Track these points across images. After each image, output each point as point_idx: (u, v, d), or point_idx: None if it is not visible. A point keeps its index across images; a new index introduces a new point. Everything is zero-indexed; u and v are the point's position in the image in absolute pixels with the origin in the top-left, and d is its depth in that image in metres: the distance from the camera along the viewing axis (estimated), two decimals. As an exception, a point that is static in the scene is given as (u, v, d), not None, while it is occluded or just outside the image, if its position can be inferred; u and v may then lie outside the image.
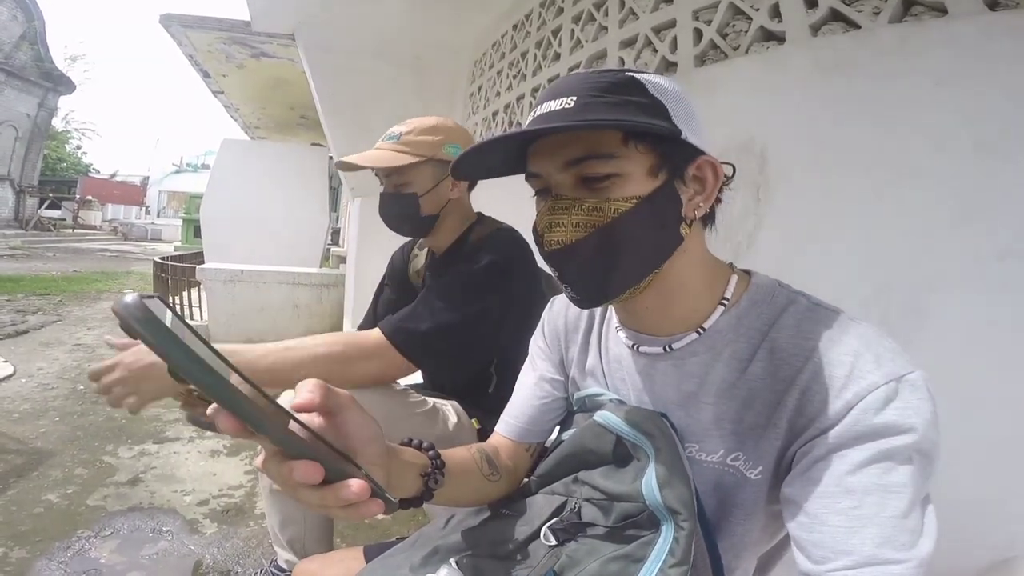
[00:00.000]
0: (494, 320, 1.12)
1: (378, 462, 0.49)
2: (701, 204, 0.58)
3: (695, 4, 1.43)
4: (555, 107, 0.55)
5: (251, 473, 2.20)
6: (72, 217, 23.96)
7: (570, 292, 0.59)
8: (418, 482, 0.59)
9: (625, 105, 0.54)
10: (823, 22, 1.11)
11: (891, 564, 0.43)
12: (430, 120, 1.21)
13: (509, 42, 2.72)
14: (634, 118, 0.53)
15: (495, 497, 0.75)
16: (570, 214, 0.55)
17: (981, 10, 0.87)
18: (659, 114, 0.54)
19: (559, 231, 0.56)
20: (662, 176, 0.55)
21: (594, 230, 0.55)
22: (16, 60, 18.84)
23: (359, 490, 0.40)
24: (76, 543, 1.65)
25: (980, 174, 0.85)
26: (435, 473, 0.61)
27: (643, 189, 0.54)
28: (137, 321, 0.30)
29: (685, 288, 0.60)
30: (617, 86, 0.54)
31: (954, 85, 0.89)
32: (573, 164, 0.55)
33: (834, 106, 1.07)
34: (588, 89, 0.54)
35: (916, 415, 0.47)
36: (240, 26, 3.52)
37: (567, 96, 0.54)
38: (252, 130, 7.42)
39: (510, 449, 0.78)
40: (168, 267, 4.74)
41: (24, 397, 2.94)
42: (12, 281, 7.08)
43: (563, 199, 0.56)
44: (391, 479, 0.52)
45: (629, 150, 0.54)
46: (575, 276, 0.57)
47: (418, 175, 1.19)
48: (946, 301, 0.88)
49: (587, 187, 0.55)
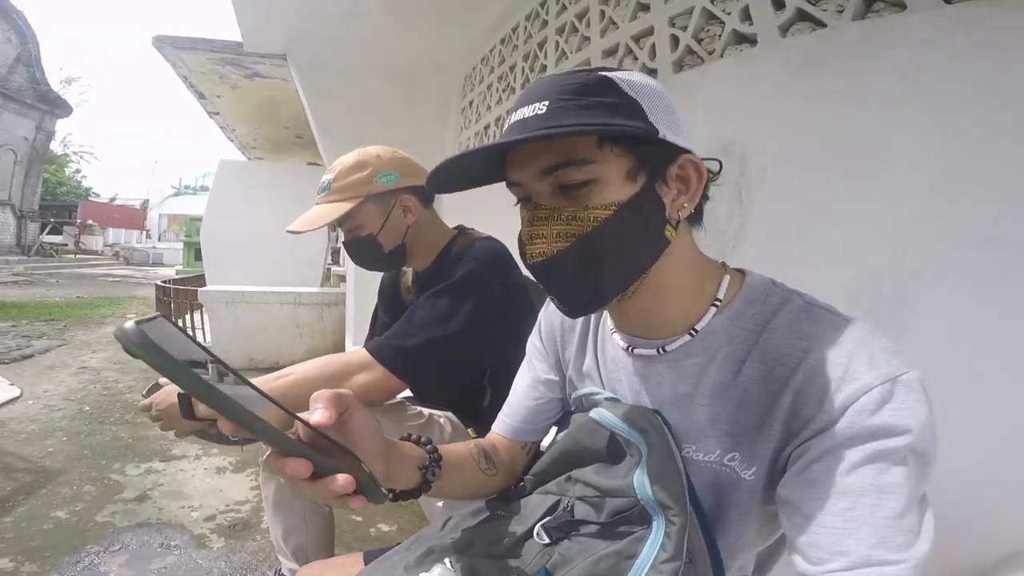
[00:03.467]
0: (477, 332, 1.11)
1: (377, 454, 0.54)
2: (686, 204, 0.56)
3: (671, 11, 1.47)
4: (528, 113, 0.53)
5: (256, 489, 2.22)
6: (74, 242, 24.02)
7: (557, 303, 0.59)
8: (416, 475, 0.62)
9: (597, 107, 0.52)
10: (791, 22, 1.15)
11: (887, 565, 0.43)
12: (351, 157, 1.19)
13: (497, 56, 2.77)
14: (607, 120, 0.51)
15: (492, 491, 0.76)
16: (550, 224, 0.54)
17: (938, 4, 0.90)
18: (634, 114, 0.52)
19: (540, 243, 0.55)
20: (642, 179, 0.53)
21: (575, 240, 0.53)
22: (12, 83, 18.83)
23: (344, 483, 0.45)
24: (86, 558, 1.68)
25: (949, 163, 0.87)
26: (432, 466, 0.64)
27: (623, 194, 0.53)
28: (134, 344, 0.36)
29: (675, 290, 0.59)
30: (589, 87, 0.53)
31: (916, 78, 0.91)
32: (549, 172, 0.54)
33: (806, 103, 1.09)
34: (559, 92, 0.53)
35: (911, 416, 0.46)
36: (232, 47, 3.57)
37: (539, 101, 0.53)
38: (249, 150, 7.47)
39: (507, 446, 0.79)
40: (171, 290, 4.78)
41: (31, 418, 2.97)
42: (17, 307, 7.13)
43: (542, 208, 0.55)
44: (390, 471, 0.56)
45: (605, 154, 0.52)
46: (559, 287, 0.57)
47: (363, 215, 1.17)
48: (930, 290, 0.89)
49: (565, 195, 0.54)
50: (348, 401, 0.52)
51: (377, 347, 1.09)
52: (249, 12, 2.95)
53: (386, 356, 1.07)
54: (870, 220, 0.98)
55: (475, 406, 1.24)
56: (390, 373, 1.07)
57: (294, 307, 4.61)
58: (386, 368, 1.07)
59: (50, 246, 21.67)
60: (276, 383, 1.04)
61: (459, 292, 1.11)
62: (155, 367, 0.37)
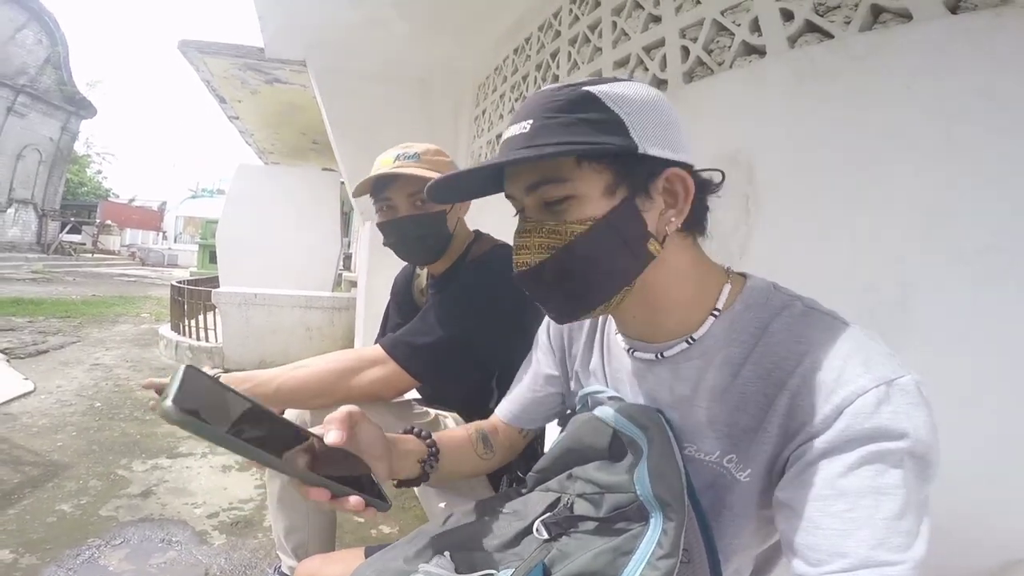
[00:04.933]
0: (489, 335, 1.13)
1: (381, 456, 0.65)
2: (673, 218, 0.56)
3: (681, 22, 1.48)
4: (516, 132, 0.55)
5: (260, 487, 2.23)
6: (92, 242, 24.41)
7: (544, 309, 0.62)
8: (416, 467, 0.72)
9: (577, 124, 0.53)
10: (799, 34, 1.16)
11: (886, 566, 0.43)
12: (427, 145, 1.20)
13: (511, 65, 2.80)
14: (585, 139, 0.52)
15: (487, 471, 0.88)
16: (533, 236, 0.57)
17: (943, 14, 0.91)
18: (614, 129, 0.53)
19: (524, 253, 0.58)
20: (621, 193, 0.54)
21: (554, 252, 0.56)
22: (40, 84, 19.26)
23: (355, 504, 0.57)
24: (86, 551, 1.69)
25: (954, 171, 0.87)
26: (431, 459, 0.74)
27: (599, 210, 0.54)
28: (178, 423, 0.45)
29: (670, 299, 0.59)
30: (572, 104, 0.54)
31: (922, 87, 0.91)
32: (532, 188, 0.56)
33: (814, 114, 1.10)
34: (543, 111, 0.54)
35: (907, 420, 0.46)
36: (255, 52, 3.65)
37: (526, 119, 0.55)
38: (266, 155, 7.60)
39: (506, 430, 0.87)
40: (185, 291, 4.85)
41: (43, 412, 3.01)
42: (34, 304, 7.27)
43: (529, 221, 0.58)
44: (393, 467, 0.68)
45: (583, 171, 0.54)
46: (542, 296, 0.60)
47: None
48: (931, 299, 0.89)
49: (548, 209, 0.56)
50: (356, 418, 0.63)
51: (391, 343, 1.11)
52: (272, 19, 3.01)
53: (399, 352, 1.10)
54: (875, 229, 0.98)
55: (482, 408, 1.24)
56: (401, 369, 1.09)
57: (305, 311, 4.66)
58: (398, 364, 1.09)
59: (69, 244, 22.04)
60: (294, 373, 1.08)
61: (473, 295, 1.13)
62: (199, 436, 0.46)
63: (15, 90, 18.03)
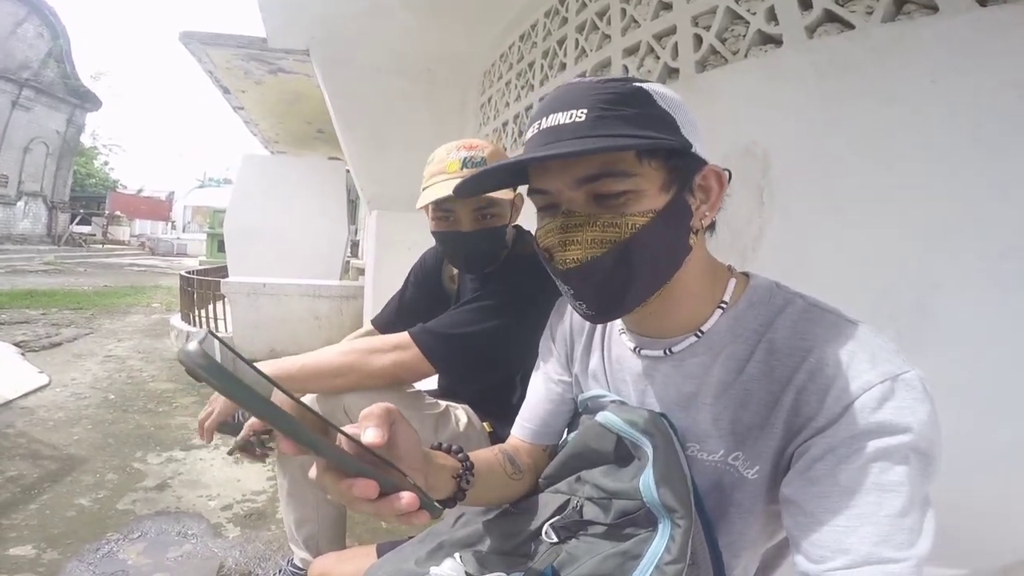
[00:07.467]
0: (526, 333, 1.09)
1: (418, 467, 0.54)
2: (707, 213, 0.58)
3: (694, 10, 1.45)
4: (564, 120, 0.53)
5: (273, 479, 2.26)
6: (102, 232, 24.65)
7: (584, 308, 0.59)
8: (451, 483, 0.63)
9: (638, 118, 0.53)
10: (818, 23, 1.12)
11: (889, 563, 0.43)
12: (485, 142, 1.15)
13: (516, 53, 2.76)
14: (649, 132, 0.52)
15: (520, 494, 0.76)
16: (585, 231, 0.54)
17: (971, 6, 0.88)
18: (669, 127, 0.54)
19: (575, 249, 0.55)
20: (673, 189, 0.55)
21: (612, 246, 0.54)
22: (44, 77, 19.39)
23: (410, 501, 0.45)
24: (105, 545, 1.71)
25: (978, 170, 0.85)
26: (466, 474, 0.64)
27: (657, 203, 0.54)
28: (200, 368, 0.34)
29: (687, 292, 0.60)
30: (627, 97, 0.53)
31: (949, 82, 0.89)
32: (586, 182, 0.54)
33: (832, 107, 1.07)
34: (598, 101, 0.53)
35: (912, 415, 0.46)
36: (257, 43, 3.62)
37: (576, 108, 0.53)
38: (271, 144, 7.59)
39: (528, 450, 0.80)
40: (194, 281, 4.87)
41: (58, 406, 3.05)
42: (47, 296, 7.34)
43: (576, 216, 0.55)
44: (428, 482, 0.56)
45: (644, 167, 0.53)
46: (592, 293, 0.57)
47: (507, 204, 1.14)
48: (952, 302, 0.87)
49: (600, 204, 0.54)
50: (395, 415, 0.52)
51: (418, 331, 1.12)
52: (274, 8, 2.98)
53: (423, 340, 1.11)
54: (894, 227, 0.97)
55: (501, 402, 1.24)
56: (423, 356, 1.10)
57: (313, 299, 4.67)
58: (420, 350, 1.10)
59: (79, 236, 22.31)
60: (318, 353, 1.10)
61: (517, 293, 1.12)
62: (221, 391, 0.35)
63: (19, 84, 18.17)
